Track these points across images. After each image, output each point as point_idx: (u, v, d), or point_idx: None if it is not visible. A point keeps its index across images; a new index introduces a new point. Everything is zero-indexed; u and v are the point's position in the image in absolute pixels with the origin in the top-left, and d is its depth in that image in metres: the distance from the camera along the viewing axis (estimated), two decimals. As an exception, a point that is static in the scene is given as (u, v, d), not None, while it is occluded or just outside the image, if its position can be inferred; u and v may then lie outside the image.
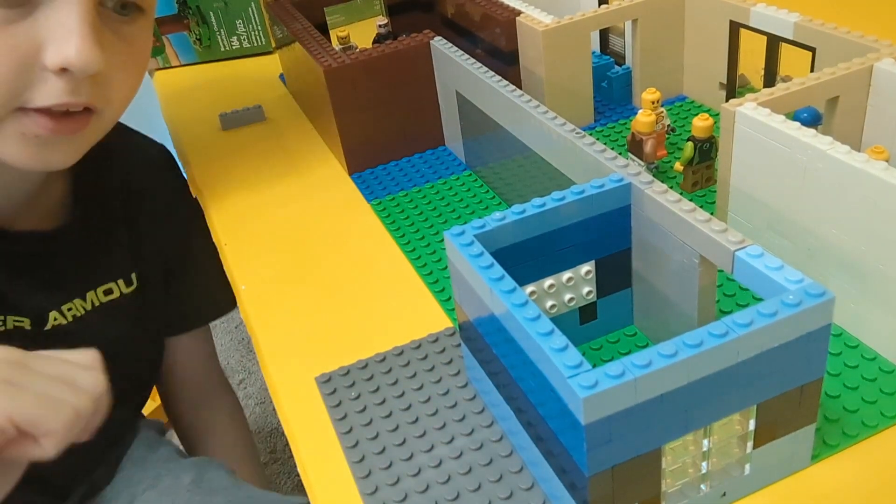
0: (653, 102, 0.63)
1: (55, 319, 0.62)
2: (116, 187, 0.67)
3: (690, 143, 0.61)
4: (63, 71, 0.48)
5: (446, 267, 0.59)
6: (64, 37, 0.47)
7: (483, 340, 0.42)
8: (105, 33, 0.49)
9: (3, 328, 0.59)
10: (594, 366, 0.32)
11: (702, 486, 0.38)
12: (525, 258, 0.44)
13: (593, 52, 0.81)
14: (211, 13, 1.00)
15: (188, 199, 0.77)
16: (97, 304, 0.65)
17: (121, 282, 0.67)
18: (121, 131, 0.73)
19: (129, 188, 0.69)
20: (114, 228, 0.67)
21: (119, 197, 0.68)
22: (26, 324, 0.60)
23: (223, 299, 0.86)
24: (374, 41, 0.87)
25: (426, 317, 0.54)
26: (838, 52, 0.55)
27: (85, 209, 0.64)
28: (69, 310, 0.63)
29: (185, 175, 0.79)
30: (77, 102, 0.49)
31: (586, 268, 0.47)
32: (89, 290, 0.64)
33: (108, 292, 0.66)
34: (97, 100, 0.51)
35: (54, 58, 0.47)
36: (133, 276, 0.68)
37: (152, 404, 1.44)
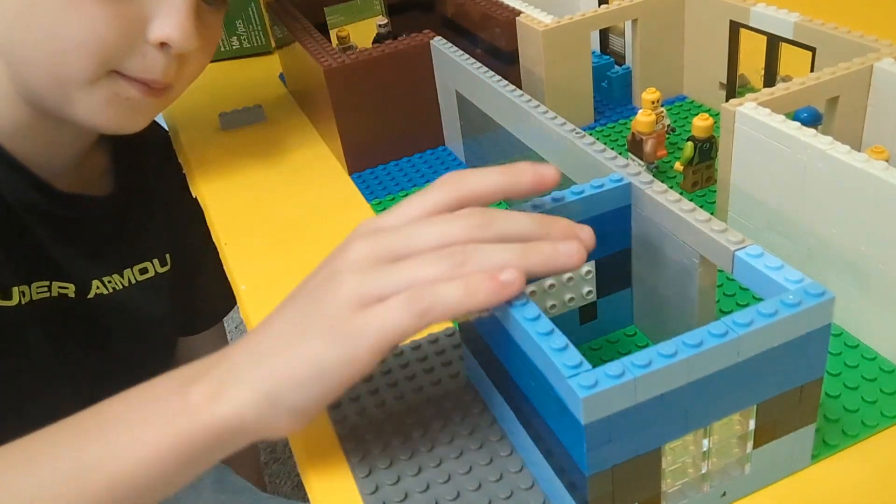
0: (653, 102, 0.63)
1: (97, 288, 0.64)
2: (149, 165, 0.70)
3: (690, 143, 0.61)
4: (162, 45, 0.53)
5: (446, 267, 0.58)
6: (170, 15, 0.52)
7: (483, 341, 0.42)
8: (197, 19, 0.54)
9: (48, 294, 0.60)
10: (594, 366, 0.32)
11: (702, 486, 0.38)
12: (525, 258, 0.44)
13: (593, 52, 0.81)
14: (211, 13, 1.00)
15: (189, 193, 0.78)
16: (133, 281, 0.67)
17: (156, 261, 0.69)
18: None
19: (158, 168, 0.72)
20: (151, 204, 0.70)
21: (154, 175, 0.71)
22: (70, 290, 0.62)
23: (229, 297, 0.87)
24: (374, 41, 0.87)
25: (426, 317, 0.54)
26: (838, 51, 0.55)
27: (126, 180, 0.67)
28: (109, 282, 0.65)
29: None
30: (164, 81, 0.55)
31: (586, 268, 0.47)
32: (127, 268, 0.67)
33: (143, 271, 0.68)
34: (176, 77, 0.56)
35: (158, 32, 0.52)
36: (167, 256, 0.70)
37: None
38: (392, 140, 0.73)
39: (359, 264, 0.37)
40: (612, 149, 0.50)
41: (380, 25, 0.86)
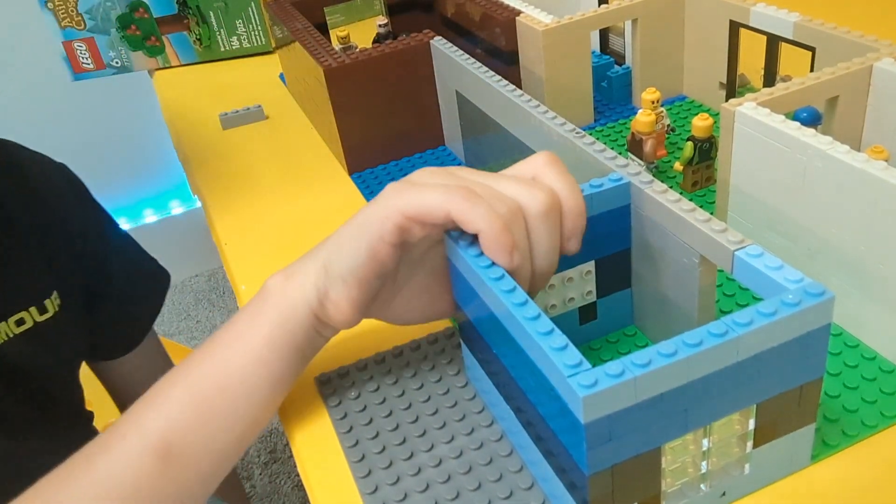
0: (653, 102, 0.63)
1: None
2: (20, 199, 0.65)
3: (690, 143, 0.61)
4: None
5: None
6: None
7: (483, 340, 0.42)
8: None
9: None
10: (594, 366, 0.32)
11: (701, 486, 0.38)
12: (525, 258, 0.44)
13: (593, 52, 0.81)
14: (211, 13, 1.00)
15: (95, 209, 0.75)
16: (10, 335, 0.62)
17: (33, 310, 0.64)
18: (16, 147, 0.69)
19: (35, 203, 0.66)
20: (24, 245, 0.65)
21: (26, 211, 0.65)
22: None
23: (156, 291, 0.83)
24: (374, 41, 0.87)
25: (426, 316, 0.54)
26: (838, 51, 0.55)
27: None
28: None
29: (89, 191, 0.76)
30: None
31: (586, 268, 0.47)
32: (2, 320, 0.62)
33: (20, 322, 0.63)
34: None
35: None
36: (47, 302, 0.65)
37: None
38: (392, 140, 0.73)
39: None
40: (612, 149, 0.50)
41: (380, 25, 0.86)
